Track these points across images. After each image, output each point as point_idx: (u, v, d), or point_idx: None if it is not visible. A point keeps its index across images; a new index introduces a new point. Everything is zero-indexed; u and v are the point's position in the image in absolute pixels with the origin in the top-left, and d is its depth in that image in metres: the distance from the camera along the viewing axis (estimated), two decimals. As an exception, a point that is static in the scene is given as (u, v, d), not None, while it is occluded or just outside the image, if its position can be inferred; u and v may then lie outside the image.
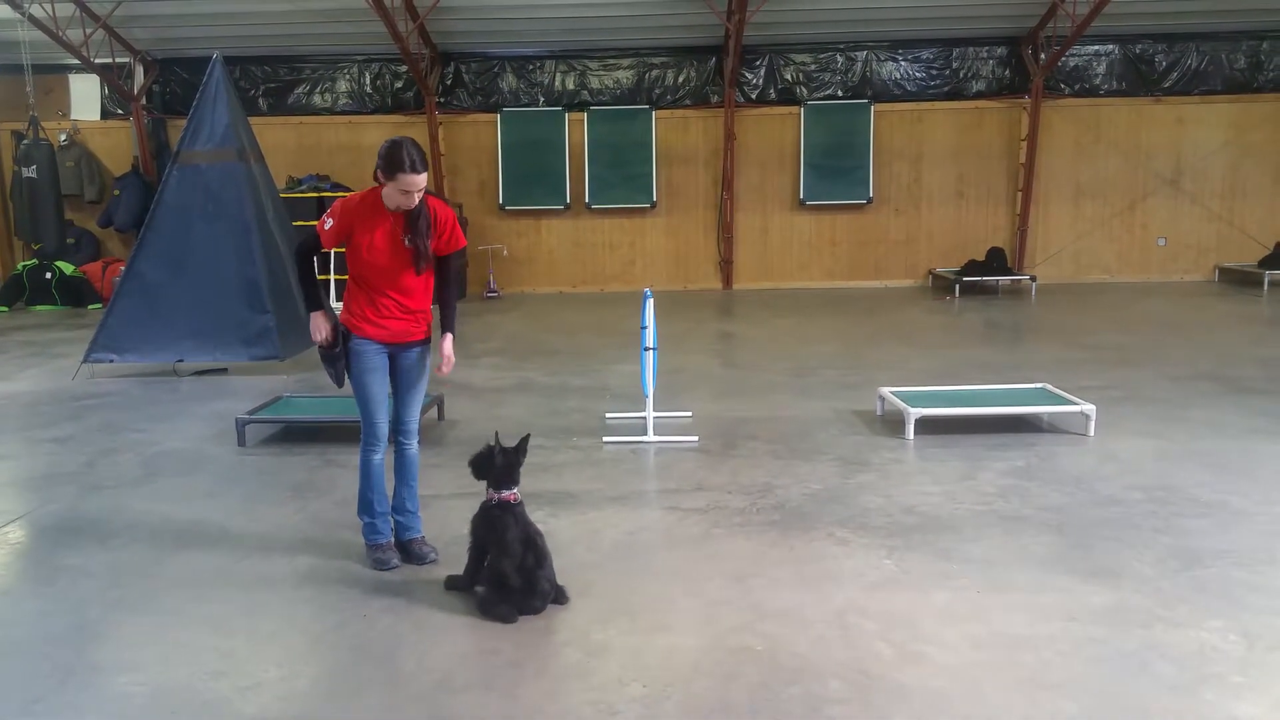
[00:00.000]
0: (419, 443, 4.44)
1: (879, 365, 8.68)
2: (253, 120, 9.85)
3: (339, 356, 4.22)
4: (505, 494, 3.84)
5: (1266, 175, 14.46)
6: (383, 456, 4.33)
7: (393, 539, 4.42)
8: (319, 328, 4.23)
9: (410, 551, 4.38)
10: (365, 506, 4.39)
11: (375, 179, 4.02)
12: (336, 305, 4.55)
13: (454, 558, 4.35)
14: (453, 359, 4.37)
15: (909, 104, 14.54)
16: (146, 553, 4.59)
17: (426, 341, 4.32)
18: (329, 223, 4.08)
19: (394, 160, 3.87)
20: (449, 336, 4.36)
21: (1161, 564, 4.21)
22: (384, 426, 4.28)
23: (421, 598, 4.01)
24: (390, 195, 3.98)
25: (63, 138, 14.60)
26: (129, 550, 4.62)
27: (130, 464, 6.10)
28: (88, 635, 3.73)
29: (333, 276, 13.09)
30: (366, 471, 4.34)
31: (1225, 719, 3.03)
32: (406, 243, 4.07)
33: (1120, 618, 3.70)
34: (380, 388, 4.23)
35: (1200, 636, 3.54)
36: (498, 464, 3.85)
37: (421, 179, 3.92)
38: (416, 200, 4.00)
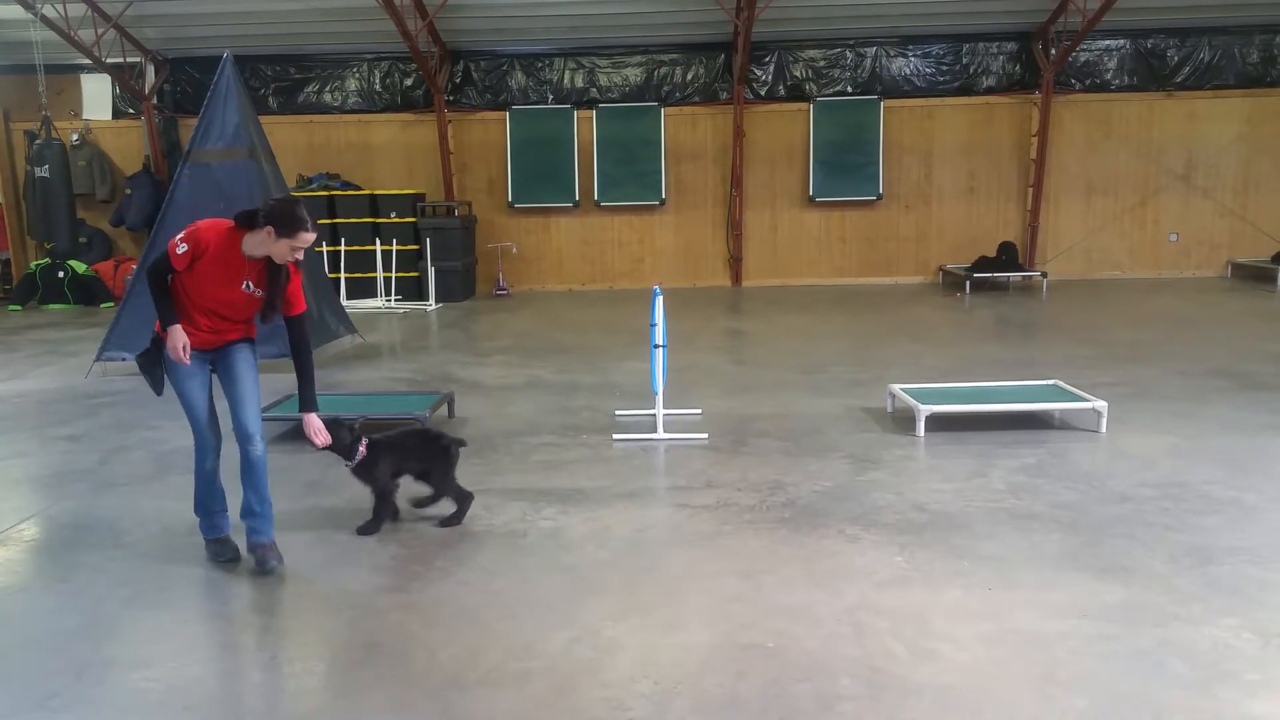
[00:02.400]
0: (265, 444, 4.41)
1: (889, 362, 8.66)
2: (263, 119, 9.89)
3: (156, 364, 4.23)
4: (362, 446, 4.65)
5: (1279, 170, 14.37)
6: (214, 464, 4.34)
7: (230, 533, 4.48)
8: (183, 341, 4.13)
9: (255, 558, 4.29)
10: (199, 507, 4.43)
11: (244, 225, 4.03)
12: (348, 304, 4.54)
13: (466, 551, 4.35)
14: (326, 435, 4.44)
15: (919, 100, 14.51)
16: (159, 550, 4.61)
17: (249, 341, 4.37)
18: (182, 248, 4.03)
19: (297, 220, 3.99)
20: (313, 416, 4.40)
21: (1174, 561, 4.19)
22: (210, 434, 4.29)
23: (432, 595, 4.02)
24: (273, 246, 4.01)
25: (74, 137, 14.69)
26: (142, 547, 4.65)
27: (143, 461, 6.13)
28: (102, 631, 3.75)
29: (343, 274, 13.14)
30: (198, 479, 4.37)
31: (1239, 717, 3.02)
32: (256, 291, 4.15)
33: (1133, 615, 3.68)
34: (200, 394, 4.25)
35: (1214, 634, 3.52)
36: (352, 436, 4.63)
37: (312, 237, 4.11)
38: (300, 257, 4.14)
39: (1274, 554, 4.24)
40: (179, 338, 4.12)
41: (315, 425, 4.41)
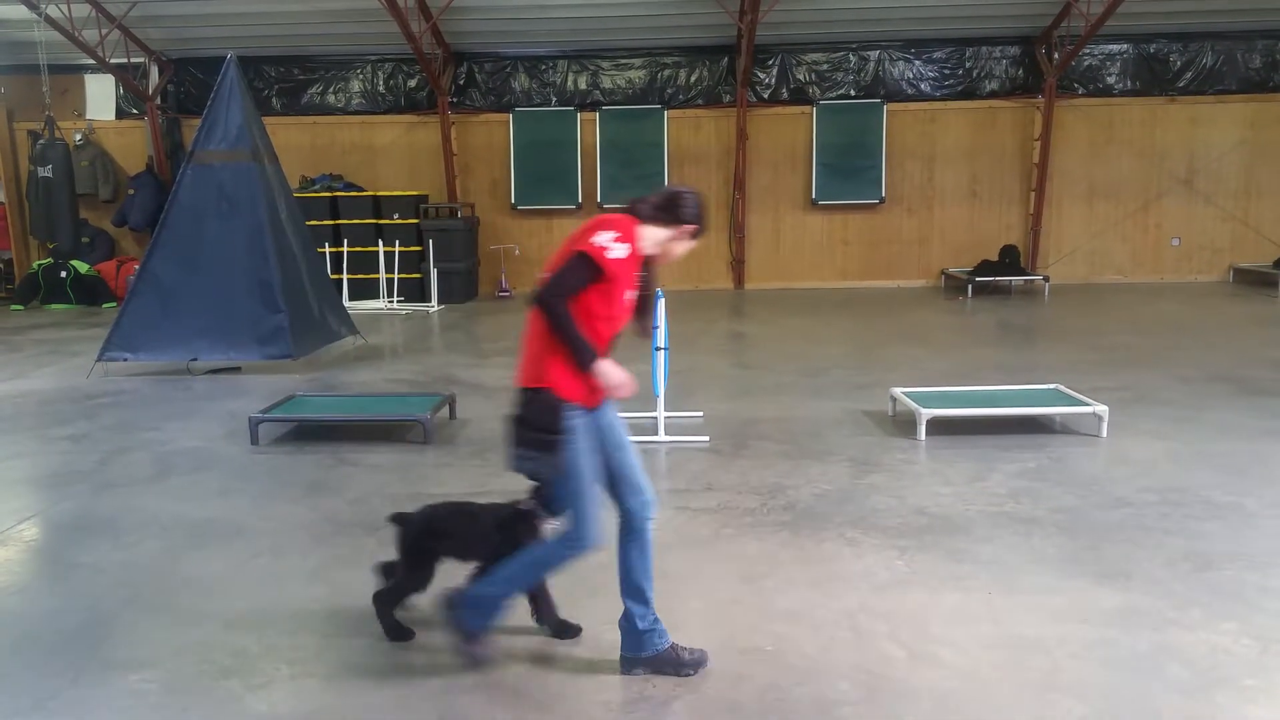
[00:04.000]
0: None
1: (891, 365, 8.66)
2: (266, 120, 9.90)
3: (557, 440, 3.14)
4: None
5: (1281, 175, 14.37)
6: None
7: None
8: (625, 379, 3.23)
9: (670, 660, 3.35)
10: (505, 603, 3.41)
11: (650, 219, 3.28)
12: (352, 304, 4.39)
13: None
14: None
15: (922, 104, 14.51)
16: (159, 550, 4.61)
17: None
18: (620, 249, 3.12)
19: (702, 216, 3.35)
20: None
21: (1173, 566, 4.18)
22: (601, 524, 3.27)
23: (431, 597, 4.01)
24: (678, 246, 3.35)
25: (78, 137, 14.71)
26: (141, 548, 4.65)
27: (143, 462, 6.13)
28: (100, 632, 3.75)
29: (345, 276, 13.14)
30: (545, 568, 3.39)
31: (1237, 723, 3.02)
32: (631, 300, 3.32)
33: (1132, 620, 3.68)
34: (596, 474, 3.27)
35: (1212, 639, 3.52)
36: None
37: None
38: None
39: (1273, 560, 4.23)
40: (619, 372, 3.21)
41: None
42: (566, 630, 3.60)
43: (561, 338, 3.12)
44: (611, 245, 3.10)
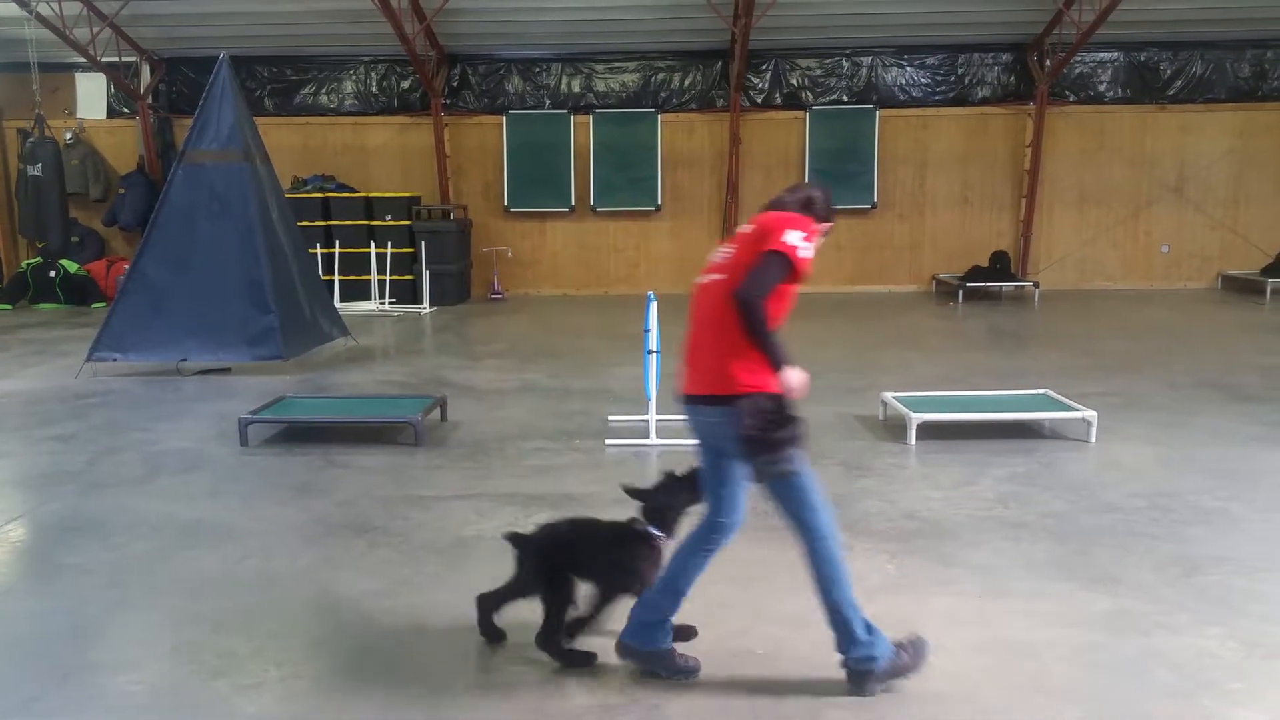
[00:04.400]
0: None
1: (882, 370, 8.67)
2: (258, 120, 9.87)
3: (785, 438, 3.13)
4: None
5: (1270, 183, 14.45)
6: None
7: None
8: (805, 381, 3.26)
9: (666, 661, 3.34)
10: (855, 609, 3.23)
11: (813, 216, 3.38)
12: (344, 305, 4.41)
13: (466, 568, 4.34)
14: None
15: (914, 109, 14.55)
16: (147, 552, 4.59)
17: None
18: (809, 249, 3.22)
19: (832, 212, 3.40)
20: None
21: (1161, 571, 4.20)
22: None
23: (422, 600, 4.01)
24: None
25: (68, 136, 14.63)
26: (130, 549, 4.63)
27: (132, 463, 6.11)
28: (87, 634, 3.74)
29: (337, 277, 13.11)
30: (837, 568, 3.25)
31: (1224, 727, 3.03)
32: None
33: (1120, 624, 3.70)
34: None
35: (1199, 643, 3.54)
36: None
37: None
38: None
39: (1259, 564, 4.26)
40: (802, 375, 3.23)
41: None
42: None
43: (757, 336, 3.13)
44: (801, 245, 3.15)
